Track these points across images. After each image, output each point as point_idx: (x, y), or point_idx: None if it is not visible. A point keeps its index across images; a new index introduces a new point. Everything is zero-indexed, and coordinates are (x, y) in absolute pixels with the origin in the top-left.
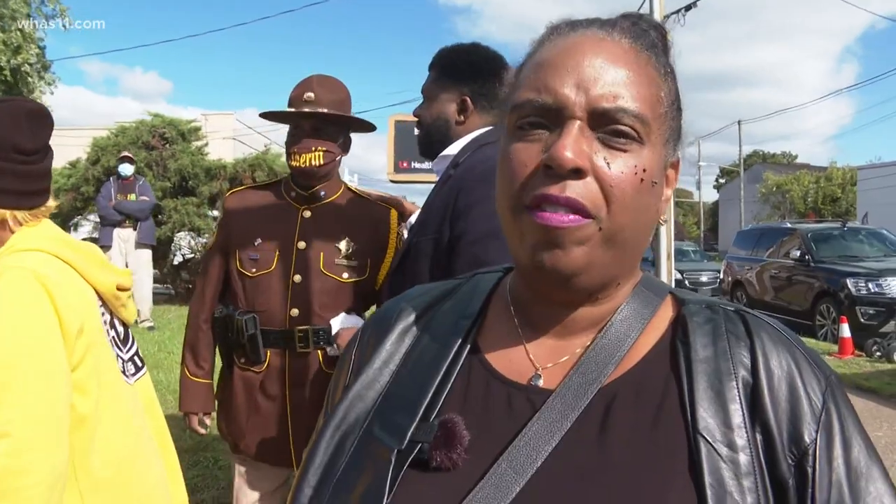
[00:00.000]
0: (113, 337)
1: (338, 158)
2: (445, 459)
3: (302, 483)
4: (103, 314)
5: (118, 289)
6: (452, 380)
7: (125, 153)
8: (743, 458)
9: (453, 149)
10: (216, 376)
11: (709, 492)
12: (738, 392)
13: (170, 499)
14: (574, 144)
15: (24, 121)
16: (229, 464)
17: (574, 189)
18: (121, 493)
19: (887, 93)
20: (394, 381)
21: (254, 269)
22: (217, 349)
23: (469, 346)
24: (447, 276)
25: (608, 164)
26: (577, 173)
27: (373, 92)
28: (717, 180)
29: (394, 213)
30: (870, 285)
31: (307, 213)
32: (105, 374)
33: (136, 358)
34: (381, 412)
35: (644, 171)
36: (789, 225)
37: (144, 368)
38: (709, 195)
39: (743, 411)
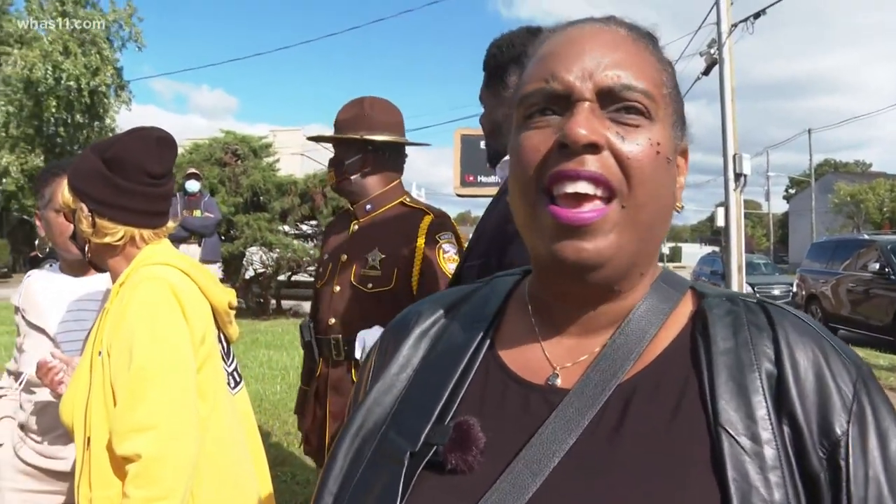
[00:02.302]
0: (220, 350)
1: (354, 176)
2: (461, 461)
3: (322, 490)
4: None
5: (229, 306)
6: (469, 382)
7: (192, 170)
8: (768, 451)
9: None
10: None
11: (732, 486)
12: (762, 384)
13: None
14: (587, 122)
15: (154, 147)
16: (307, 479)
17: (593, 163)
18: (221, 498)
19: None
20: (411, 385)
21: (318, 282)
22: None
23: (486, 348)
24: None
25: (623, 138)
26: (594, 148)
27: (439, 106)
28: (786, 191)
29: (427, 218)
30: None
31: (355, 227)
32: (217, 383)
33: (235, 373)
34: (397, 416)
35: (659, 144)
36: (866, 236)
37: (242, 382)
38: (778, 206)
39: (767, 403)
